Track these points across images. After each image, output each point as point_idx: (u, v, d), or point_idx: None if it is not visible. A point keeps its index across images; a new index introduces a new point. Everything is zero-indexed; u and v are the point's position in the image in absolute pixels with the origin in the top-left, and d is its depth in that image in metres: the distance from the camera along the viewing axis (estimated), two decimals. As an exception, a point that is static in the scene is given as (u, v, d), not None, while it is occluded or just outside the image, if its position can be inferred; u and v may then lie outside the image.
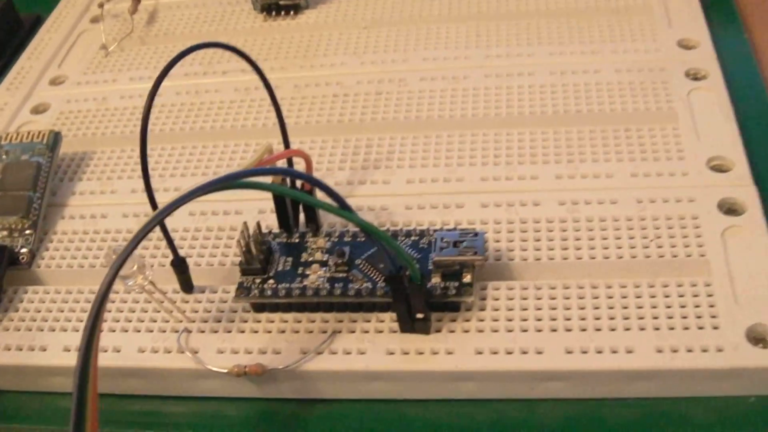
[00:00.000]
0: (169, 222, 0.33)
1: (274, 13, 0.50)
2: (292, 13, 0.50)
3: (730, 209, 0.35)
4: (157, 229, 0.34)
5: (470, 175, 0.38)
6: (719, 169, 0.37)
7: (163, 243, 0.34)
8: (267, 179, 0.31)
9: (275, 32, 0.49)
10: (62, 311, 0.34)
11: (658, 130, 0.39)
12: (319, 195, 0.28)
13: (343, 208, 0.28)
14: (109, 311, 0.34)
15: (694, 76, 0.42)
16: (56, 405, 0.34)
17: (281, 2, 0.50)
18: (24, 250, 0.37)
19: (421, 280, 0.30)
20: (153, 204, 0.32)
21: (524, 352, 0.31)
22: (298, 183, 0.34)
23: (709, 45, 0.44)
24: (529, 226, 0.35)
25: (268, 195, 0.37)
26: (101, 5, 0.51)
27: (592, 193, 0.36)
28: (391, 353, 0.31)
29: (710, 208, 0.35)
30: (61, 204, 0.39)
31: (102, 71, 0.48)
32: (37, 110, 0.46)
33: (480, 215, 0.36)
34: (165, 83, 0.44)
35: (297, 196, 0.27)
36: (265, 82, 0.33)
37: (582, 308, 0.32)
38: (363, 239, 0.34)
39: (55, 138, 0.40)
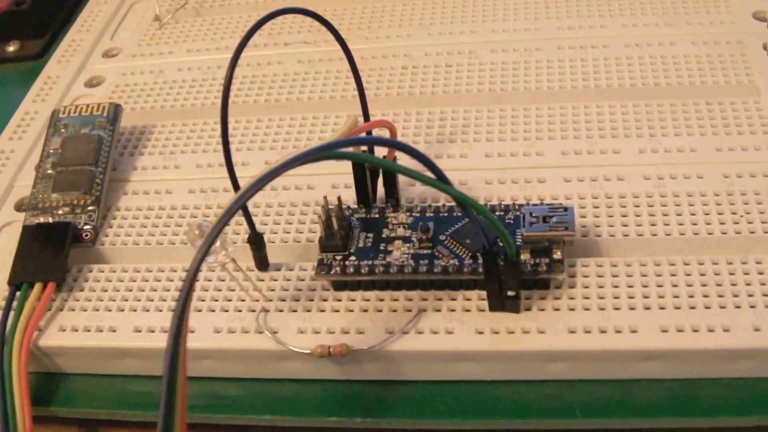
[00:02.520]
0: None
1: (335, -18, 0.48)
2: (354, -18, 0.48)
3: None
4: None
5: (550, 149, 0.37)
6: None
7: (235, 218, 0.33)
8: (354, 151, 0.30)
9: (336, 3, 0.47)
10: (130, 290, 0.33)
11: (741, 104, 0.38)
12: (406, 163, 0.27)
13: (442, 180, 0.26)
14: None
15: (774, 49, 0.40)
16: (127, 388, 0.32)
17: (342, -28, 0.48)
18: (87, 227, 0.35)
19: (516, 256, 0.29)
20: (233, 180, 0.30)
21: (618, 331, 0.30)
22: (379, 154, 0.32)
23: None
24: (614, 201, 0.34)
25: (341, 168, 0.36)
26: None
27: (677, 167, 0.35)
28: (480, 332, 0.30)
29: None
30: (123, 179, 0.38)
31: (157, 43, 0.47)
32: (91, 83, 0.44)
33: (563, 190, 0.35)
34: (224, 55, 0.44)
35: (402, 170, 0.25)
36: (346, 51, 0.32)
37: (675, 285, 0.31)
38: (446, 214, 0.33)
39: (116, 110, 0.39)
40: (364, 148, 0.33)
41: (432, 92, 0.40)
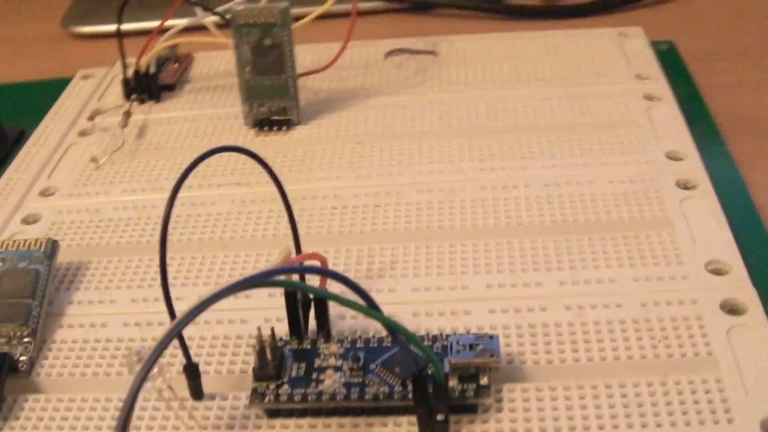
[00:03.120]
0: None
1: (266, 128, 0.51)
2: (284, 128, 0.50)
3: (732, 309, 0.36)
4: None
5: (475, 283, 0.38)
6: (718, 272, 0.38)
7: (170, 350, 0.34)
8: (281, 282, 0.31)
9: (268, 147, 0.49)
10: (66, 419, 0.33)
11: (655, 237, 0.40)
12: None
13: (372, 307, 0.27)
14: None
15: (685, 186, 0.43)
16: None
17: (273, 117, 0.50)
18: (23, 358, 0.36)
19: (445, 380, 0.30)
20: (170, 306, 0.31)
21: (545, 458, 0.31)
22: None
23: (696, 156, 0.45)
24: (537, 330, 0.35)
25: (273, 303, 0.37)
26: (91, 118, 0.51)
27: (596, 297, 0.37)
28: (412, 458, 0.31)
29: (713, 309, 0.36)
30: (58, 313, 0.39)
31: (93, 183, 0.48)
32: (28, 221, 0.45)
33: (488, 321, 0.36)
34: (159, 195, 0.45)
35: (333, 297, 0.27)
36: (279, 186, 0.33)
37: (598, 407, 0.32)
38: (375, 345, 0.34)
39: (53, 246, 0.40)
40: (296, 277, 0.34)
41: (361, 230, 0.42)
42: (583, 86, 0.52)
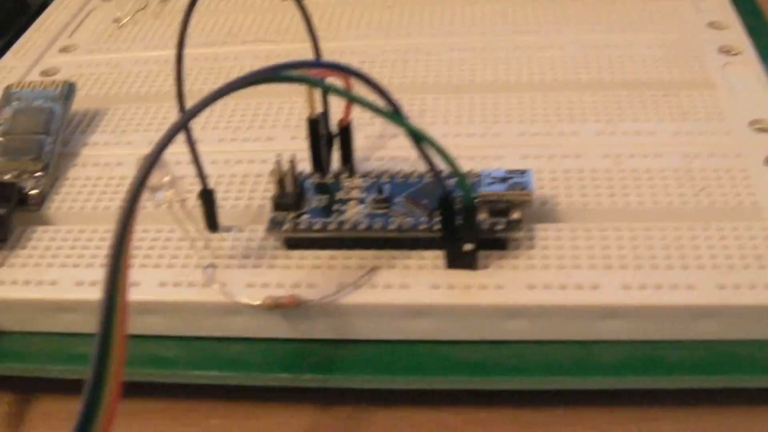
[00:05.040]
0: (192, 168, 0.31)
1: (294, -10, 0.48)
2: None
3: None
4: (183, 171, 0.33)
5: (507, 131, 0.36)
6: (763, 130, 0.36)
7: (187, 178, 0.32)
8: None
9: (294, 10, 0.47)
10: (74, 248, 0.32)
11: (697, 95, 0.38)
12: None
13: (397, 113, 0.26)
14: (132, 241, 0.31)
15: (727, 52, 0.41)
16: (66, 347, 0.31)
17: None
18: (34, 192, 0.34)
19: (472, 201, 0.28)
20: (181, 101, 0.29)
21: (579, 288, 0.29)
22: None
23: (739, 26, 0.43)
24: (572, 175, 0.34)
25: (295, 145, 0.35)
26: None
27: (635, 147, 0.35)
28: (436, 287, 0.29)
29: (757, 163, 0.34)
30: (73, 153, 0.37)
31: (115, 41, 0.46)
32: (47, 74, 0.44)
33: (521, 165, 0.34)
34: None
35: (355, 99, 0.25)
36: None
37: (635, 248, 0.30)
38: (402, 180, 0.32)
39: (70, 88, 0.38)
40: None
41: (389, 82, 0.39)
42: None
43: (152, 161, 0.23)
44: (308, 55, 0.33)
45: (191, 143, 0.30)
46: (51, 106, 0.37)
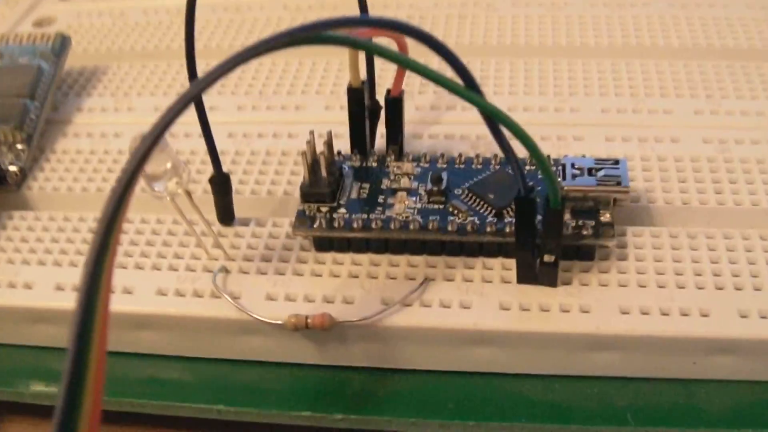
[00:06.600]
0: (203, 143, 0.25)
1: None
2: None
3: None
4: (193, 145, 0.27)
5: (587, 105, 0.30)
6: None
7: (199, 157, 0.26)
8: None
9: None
10: (57, 242, 0.26)
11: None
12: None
13: (471, 87, 0.19)
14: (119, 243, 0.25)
15: None
16: (42, 363, 0.25)
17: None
18: (13, 168, 0.28)
19: (563, 202, 0.22)
20: (191, 67, 0.23)
21: (684, 314, 0.23)
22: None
23: None
24: (669, 164, 0.27)
25: (330, 117, 0.29)
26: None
27: (742, 132, 0.29)
28: (506, 309, 0.23)
29: None
30: (64, 121, 0.31)
31: (120, -14, 0.40)
32: (41, 24, 0.38)
33: (606, 149, 0.28)
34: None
35: (417, 68, 0.19)
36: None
37: (752, 263, 0.24)
38: (462, 166, 0.26)
39: (63, 42, 0.32)
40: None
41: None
42: None
43: (150, 145, 0.17)
44: (348, 3, 0.26)
45: (203, 120, 0.24)
46: (39, 64, 0.31)
